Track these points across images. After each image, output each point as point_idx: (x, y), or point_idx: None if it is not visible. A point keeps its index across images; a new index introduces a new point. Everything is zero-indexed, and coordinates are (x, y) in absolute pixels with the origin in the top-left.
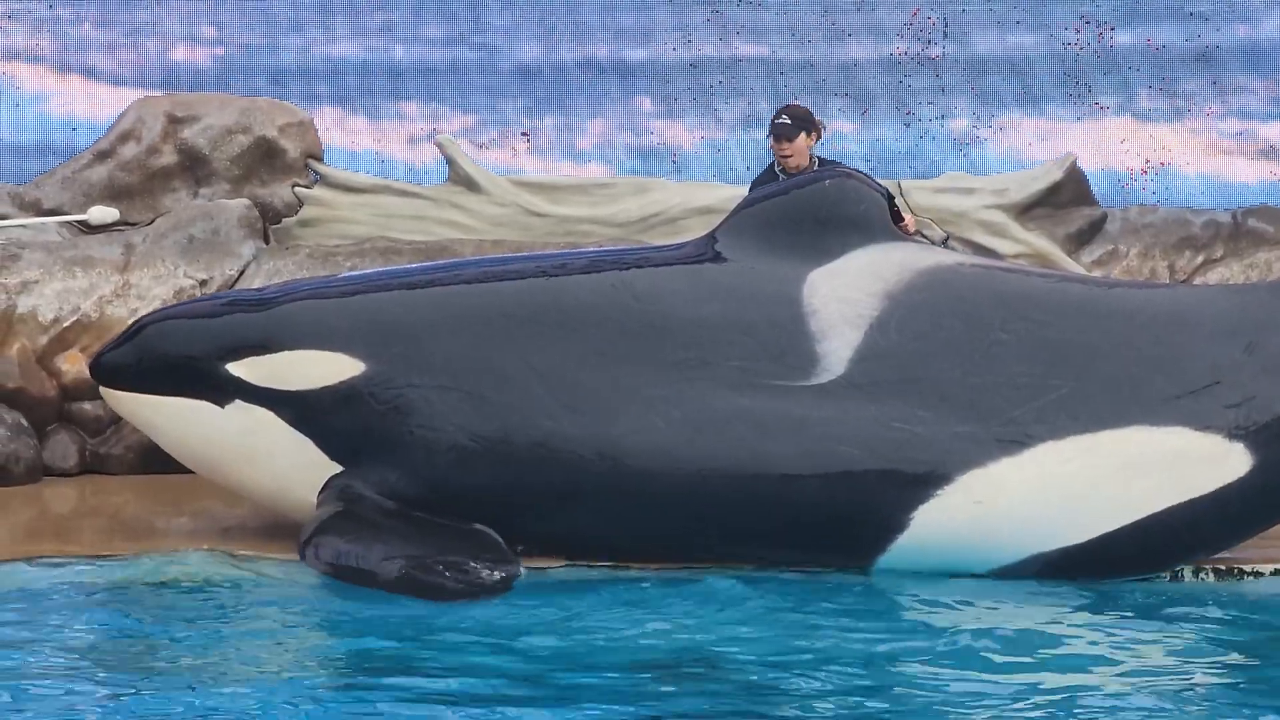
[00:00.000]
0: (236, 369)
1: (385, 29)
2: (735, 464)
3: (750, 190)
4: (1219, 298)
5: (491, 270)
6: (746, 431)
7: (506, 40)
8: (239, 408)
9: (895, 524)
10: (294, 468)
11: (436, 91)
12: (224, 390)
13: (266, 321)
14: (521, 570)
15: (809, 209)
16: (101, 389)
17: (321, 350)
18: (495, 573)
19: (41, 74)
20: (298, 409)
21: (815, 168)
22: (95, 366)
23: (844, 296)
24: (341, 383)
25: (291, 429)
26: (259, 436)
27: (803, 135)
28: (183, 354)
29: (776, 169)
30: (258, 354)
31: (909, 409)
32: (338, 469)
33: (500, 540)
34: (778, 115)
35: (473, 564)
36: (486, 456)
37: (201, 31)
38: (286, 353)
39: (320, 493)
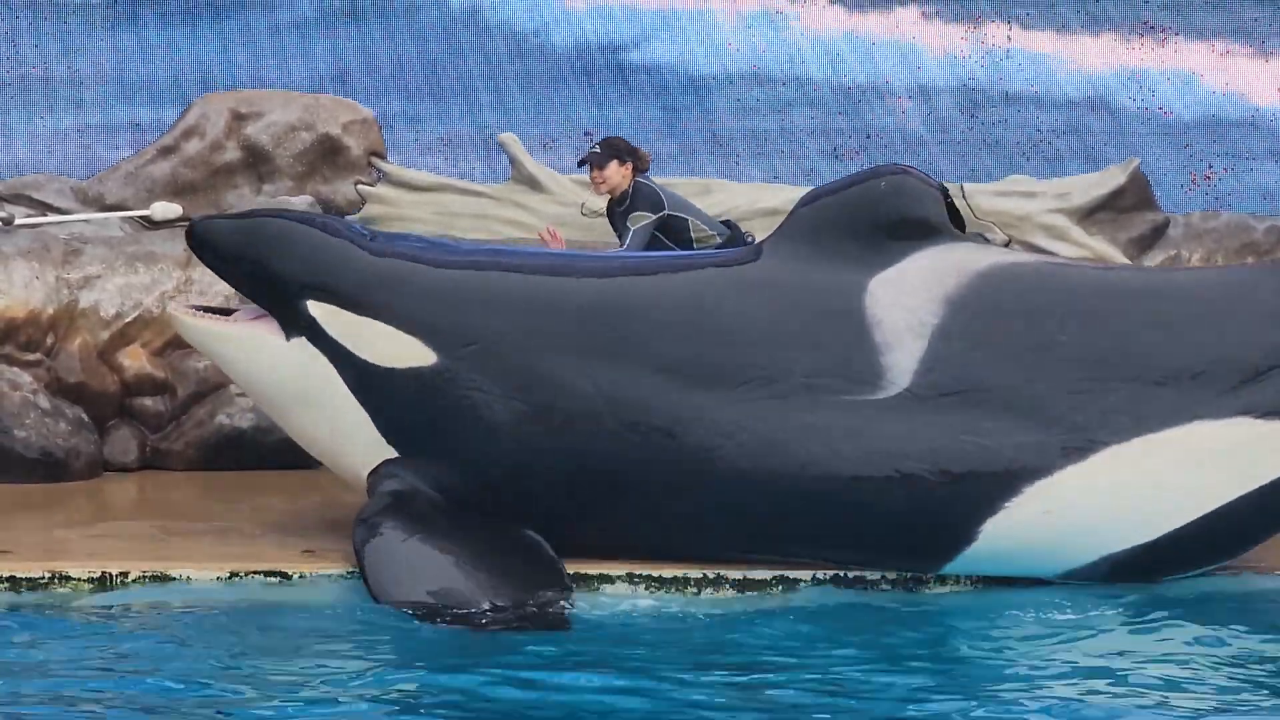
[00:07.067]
0: (316, 309)
1: (450, 28)
2: (802, 480)
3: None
4: (1272, 279)
5: (592, 281)
6: (813, 447)
7: (569, 39)
8: (303, 345)
9: (964, 536)
10: (349, 436)
11: (499, 90)
12: (295, 322)
13: (360, 277)
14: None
15: (865, 210)
16: (191, 248)
17: (400, 329)
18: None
19: None
20: (362, 378)
21: (630, 192)
22: (193, 230)
23: (905, 304)
24: (410, 368)
25: (351, 395)
26: (316, 384)
27: (614, 163)
28: (274, 264)
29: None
30: (340, 305)
31: (974, 420)
32: (392, 453)
33: (553, 555)
34: (594, 145)
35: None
36: (545, 471)
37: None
38: (367, 319)
39: (371, 475)
